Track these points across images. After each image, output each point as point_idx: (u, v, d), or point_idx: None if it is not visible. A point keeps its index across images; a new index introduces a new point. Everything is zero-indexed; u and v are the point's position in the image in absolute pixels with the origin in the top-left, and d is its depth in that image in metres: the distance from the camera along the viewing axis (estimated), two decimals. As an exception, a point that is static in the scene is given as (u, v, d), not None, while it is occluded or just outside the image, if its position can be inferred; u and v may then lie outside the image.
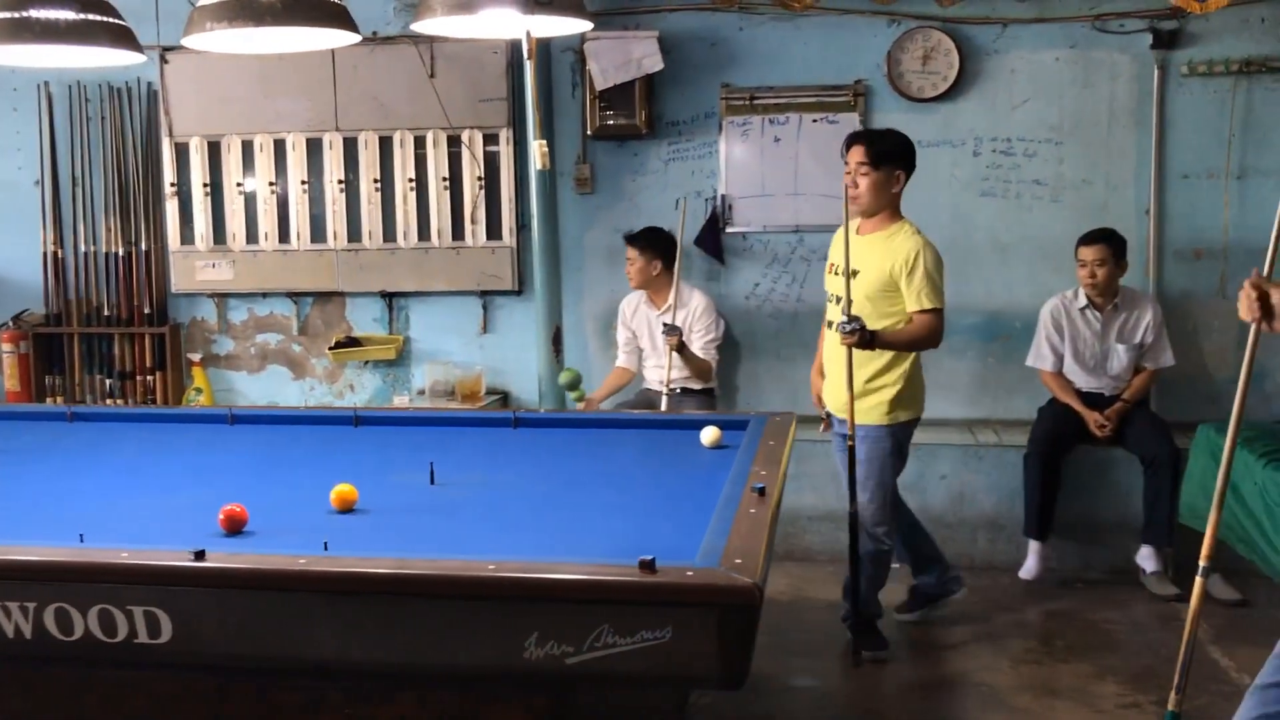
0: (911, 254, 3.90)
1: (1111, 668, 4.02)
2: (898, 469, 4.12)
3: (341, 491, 2.94)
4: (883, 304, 3.96)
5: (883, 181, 3.98)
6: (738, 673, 2.24)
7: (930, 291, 3.90)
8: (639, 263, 5.14)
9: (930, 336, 3.96)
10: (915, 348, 4.01)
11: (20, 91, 5.90)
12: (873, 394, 4.01)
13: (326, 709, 2.50)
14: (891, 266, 3.92)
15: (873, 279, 3.96)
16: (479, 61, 5.43)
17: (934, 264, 3.94)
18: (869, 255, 4.00)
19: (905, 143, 4.06)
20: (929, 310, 3.91)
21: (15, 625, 2.40)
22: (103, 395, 5.98)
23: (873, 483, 4.06)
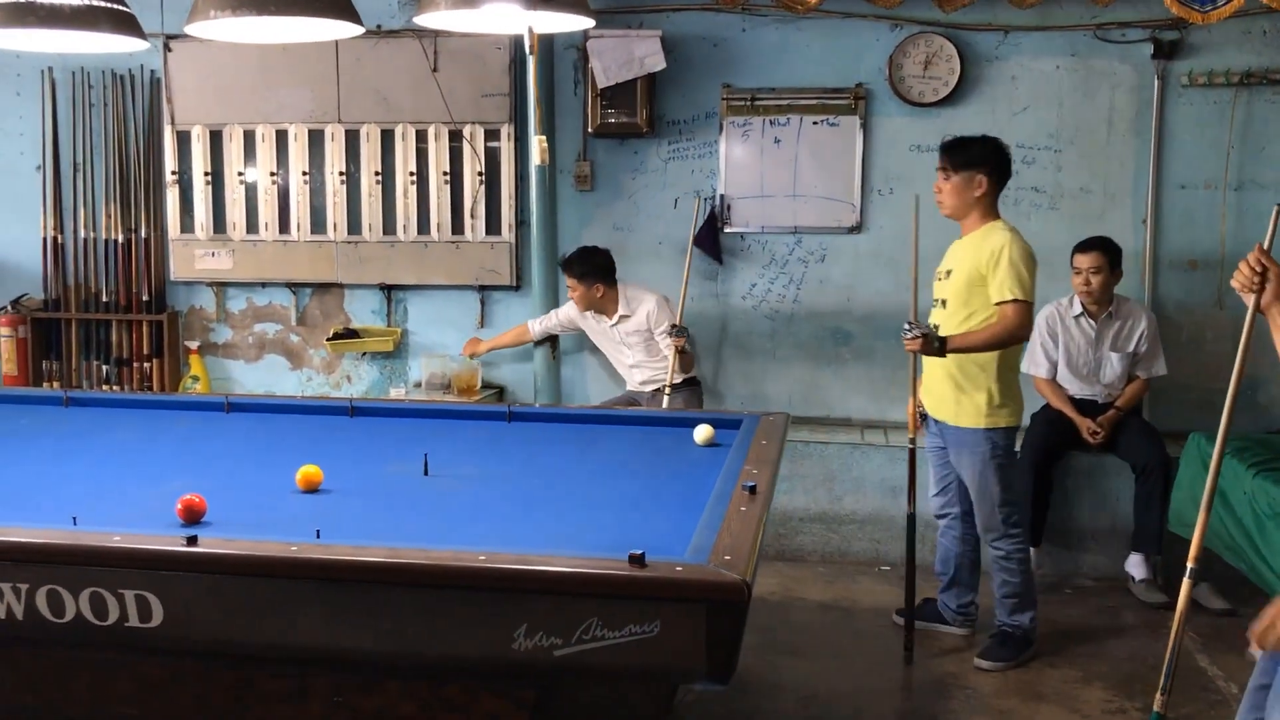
0: (998, 247, 3.90)
1: (1098, 673, 4.04)
2: (1006, 475, 4.06)
3: (307, 473, 3.01)
4: (971, 302, 3.97)
5: (962, 186, 4.02)
6: (725, 668, 2.25)
7: (1014, 282, 3.86)
8: (580, 290, 5.12)
9: (1012, 331, 3.90)
10: (995, 346, 3.94)
11: (24, 77, 5.91)
12: (967, 398, 4.01)
13: (314, 696, 2.51)
14: (978, 263, 3.94)
15: (960, 278, 3.99)
16: (482, 57, 5.44)
17: (1021, 256, 3.90)
18: (961, 256, 4.05)
19: (989, 147, 4.06)
20: (1011, 301, 3.87)
21: (7, 606, 2.42)
22: (99, 381, 5.99)
23: (976, 490, 4.07)
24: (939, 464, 4.28)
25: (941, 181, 4.08)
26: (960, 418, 4.04)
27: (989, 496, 4.05)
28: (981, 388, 3.99)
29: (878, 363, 5.47)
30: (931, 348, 3.91)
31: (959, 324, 3.99)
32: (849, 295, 5.46)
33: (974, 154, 4.04)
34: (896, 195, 5.36)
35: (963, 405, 4.03)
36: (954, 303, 4.03)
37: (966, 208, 4.05)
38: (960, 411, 4.03)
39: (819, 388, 5.53)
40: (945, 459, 4.23)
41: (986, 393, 3.99)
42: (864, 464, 5.17)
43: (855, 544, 5.21)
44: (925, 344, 3.91)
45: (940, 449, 4.24)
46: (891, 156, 5.35)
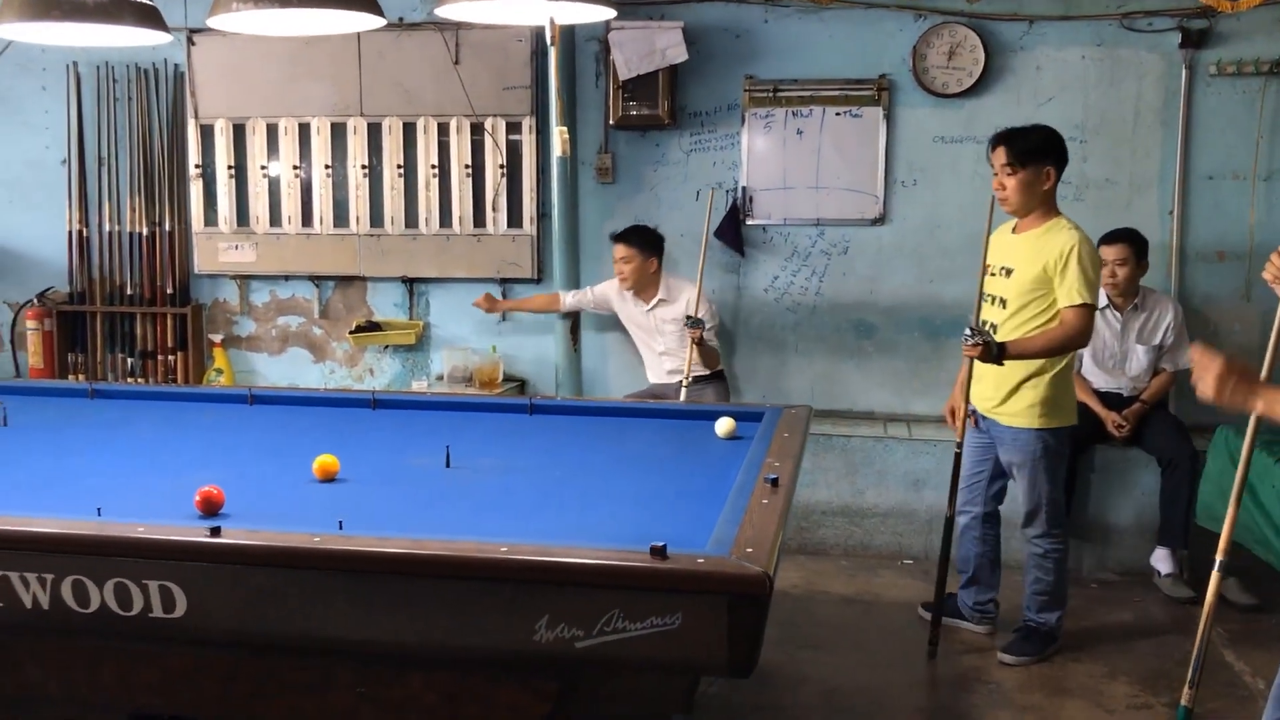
0: (1066, 248, 3.79)
1: (1123, 668, 4.01)
2: (1055, 474, 4.01)
3: (323, 462, 3.04)
4: (1035, 303, 3.88)
5: (1030, 180, 3.86)
6: (746, 661, 2.24)
7: (1083, 286, 3.77)
8: (635, 261, 5.05)
9: (1074, 337, 3.82)
10: (1054, 352, 3.85)
11: (49, 71, 5.94)
12: (1019, 397, 3.94)
13: (336, 687, 2.52)
14: (1045, 264, 3.82)
15: (1026, 276, 3.87)
16: (503, 49, 5.44)
17: (1090, 259, 3.81)
18: (1023, 253, 3.91)
19: (1051, 137, 3.92)
20: (1079, 306, 3.78)
21: (34, 596, 2.43)
22: (124, 374, 6.02)
23: (1025, 488, 4.02)
24: (973, 460, 4.22)
25: (1005, 177, 3.89)
26: (1014, 417, 3.97)
27: (1036, 495, 4.00)
28: (1037, 387, 3.91)
29: (901, 355, 5.45)
30: (991, 355, 3.81)
31: (1019, 325, 3.90)
32: (872, 287, 5.43)
33: (1041, 145, 3.89)
34: (920, 187, 5.33)
35: (1016, 404, 3.95)
36: (1015, 303, 3.92)
37: (1032, 204, 3.91)
38: (1014, 411, 3.96)
39: (841, 380, 5.51)
40: (982, 456, 4.18)
41: (1042, 392, 3.91)
42: (887, 457, 5.15)
43: (877, 538, 5.19)
44: (985, 351, 3.81)
45: (981, 447, 4.18)
46: (915, 148, 5.31)
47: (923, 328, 5.42)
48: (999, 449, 4.09)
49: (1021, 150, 3.87)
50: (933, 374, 5.41)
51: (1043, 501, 4.01)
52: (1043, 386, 3.91)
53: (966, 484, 4.25)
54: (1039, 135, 3.93)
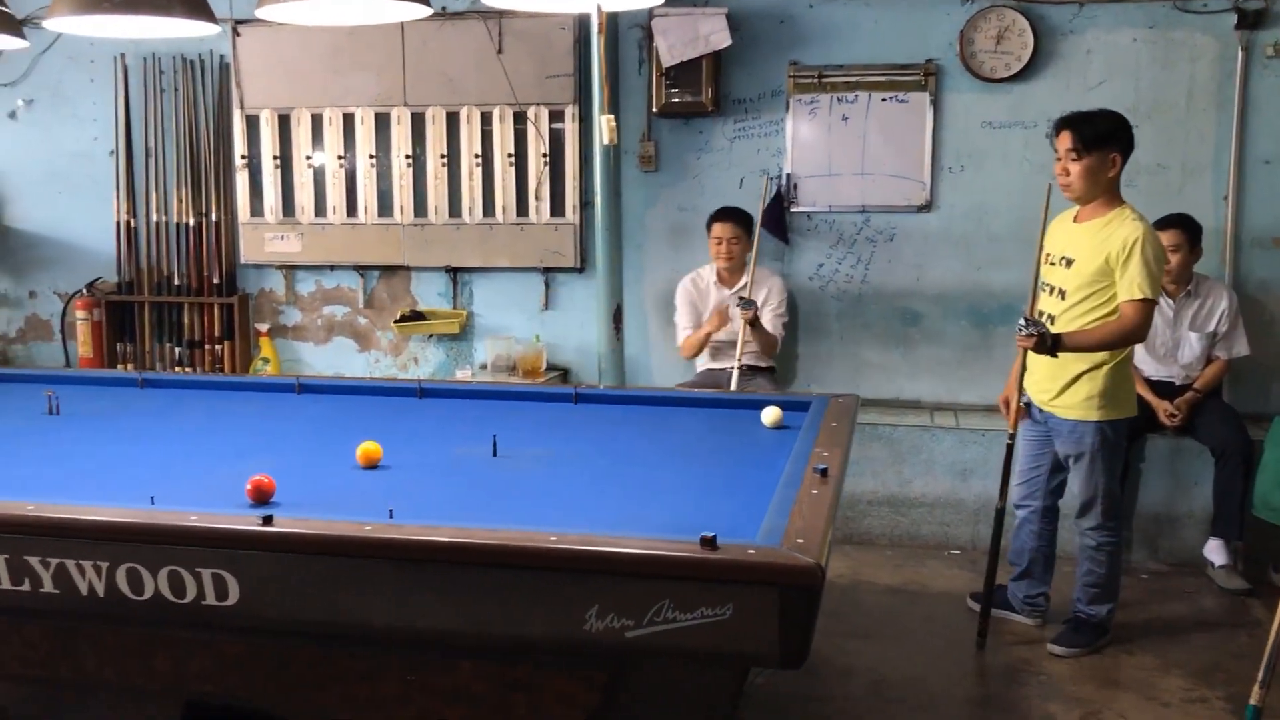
0: (1130, 240, 3.69)
1: (1177, 661, 3.95)
2: (1112, 467, 3.94)
3: (366, 449, 3.07)
4: (1096, 295, 3.79)
5: (1095, 166, 3.77)
6: (797, 652, 2.22)
7: (1146, 280, 3.67)
8: (742, 242, 5.11)
9: (1131, 332, 3.74)
10: (1110, 347, 3.78)
11: (97, 63, 6.01)
12: (1076, 388, 3.88)
13: (387, 675, 2.52)
14: (1108, 254, 3.73)
15: (1088, 268, 3.79)
16: (546, 38, 5.43)
17: (1154, 252, 3.72)
18: (1085, 243, 3.82)
19: (1118, 122, 3.83)
20: (1139, 300, 3.69)
21: (89, 583, 2.46)
22: (172, 363, 6.09)
23: (1081, 480, 3.97)
24: (1031, 454, 4.16)
25: (1070, 163, 3.80)
26: (1070, 409, 3.90)
27: (1093, 487, 3.94)
28: (1095, 379, 3.84)
29: (948, 344, 5.40)
30: (1045, 347, 3.76)
31: (1078, 316, 3.82)
32: (918, 275, 5.38)
33: (1108, 130, 3.79)
34: (968, 173, 5.26)
35: (1074, 396, 3.88)
36: (1074, 295, 3.83)
37: (1097, 191, 3.82)
38: (1072, 403, 3.90)
39: (887, 369, 5.47)
40: (1040, 449, 4.12)
41: (1100, 384, 3.84)
42: (933, 447, 5.10)
43: (924, 527, 5.14)
44: (1039, 343, 3.76)
45: (1037, 439, 4.12)
46: (963, 133, 5.25)
47: (970, 316, 5.36)
48: (1055, 441, 4.03)
49: (1088, 135, 3.77)
50: (980, 363, 5.36)
51: (1099, 494, 3.95)
52: (1100, 378, 3.84)
53: (1025, 478, 4.19)
54: (1106, 120, 3.83)
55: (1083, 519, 4.02)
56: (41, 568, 2.47)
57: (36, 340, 6.33)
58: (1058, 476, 4.14)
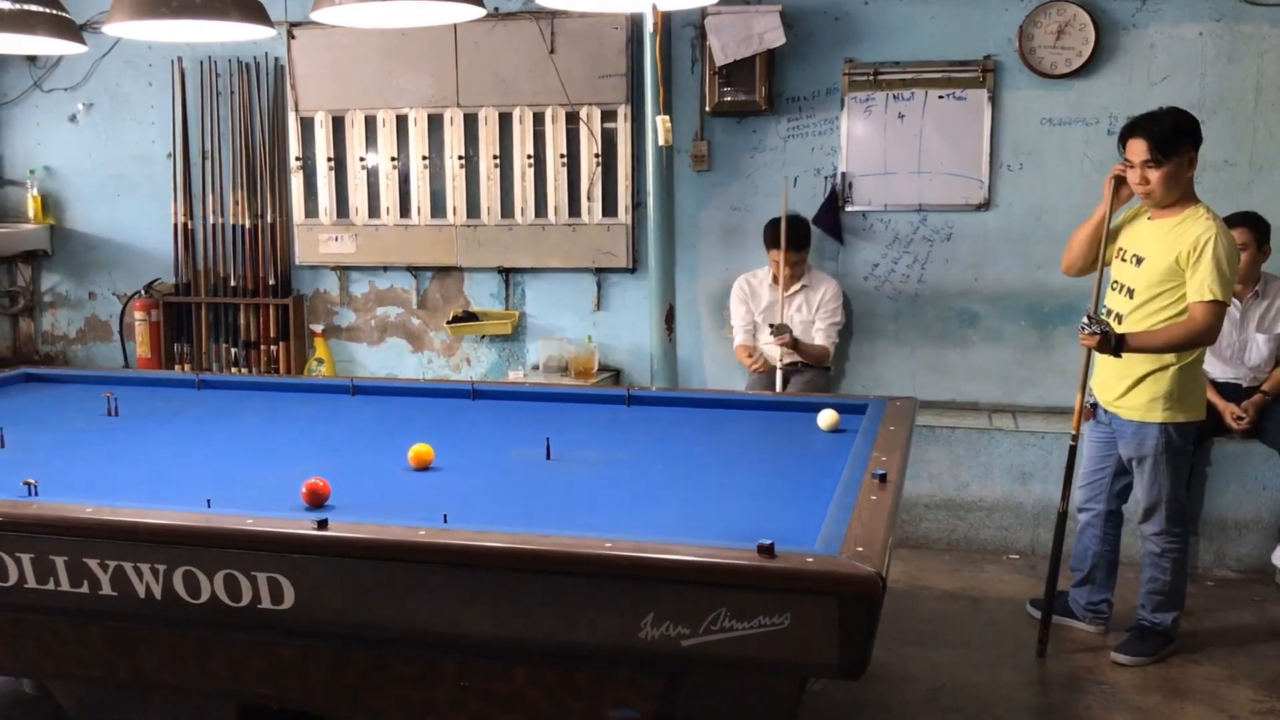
0: (1202, 240, 3.60)
1: (1246, 671, 3.85)
2: (1177, 471, 3.86)
3: (418, 451, 3.08)
4: (1165, 295, 3.70)
5: (1175, 171, 3.68)
6: (857, 662, 2.18)
7: (1216, 281, 3.57)
8: (804, 263, 5.09)
9: (1199, 334, 3.63)
10: (1178, 348, 3.69)
11: (155, 67, 6.08)
12: (1142, 389, 3.80)
13: (442, 680, 2.51)
14: (1179, 254, 3.64)
15: (1158, 267, 3.70)
16: (599, 38, 5.41)
17: (1227, 253, 3.61)
18: (1157, 242, 3.74)
19: (1186, 120, 3.72)
20: (1209, 302, 3.59)
21: (146, 586, 2.47)
22: (228, 363, 6.15)
23: (1145, 484, 3.89)
24: (1096, 455, 4.08)
25: (1148, 170, 3.69)
26: (1136, 411, 3.81)
27: (1156, 491, 3.86)
28: (1162, 380, 3.75)
29: (1006, 345, 5.31)
30: (1108, 346, 3.68)
31: (1147, 317, 3.73)
32: (976, 275, 5.29)
33: (1180, 131, 3.68)
34: (1026, 170, 5.17)
35: (1140, 397, 3.80)
36: (1143, 294, 3.75)
37: (1177, 194, 3.73)
38: (1137, 404, 3.81)
39: (944, 370, 5.38)
40: (1105, 451, 4.03)
41: (1167, 385, 3.75)
42: (992, 449, 5.01)
43: (982, 532, 5.06)
44: (1103, 342, 3.68)
45: (1103, 441, 4.03)
46: (1021, 130, 5.16)
47: (1029, 316, 5.27)
48: (1119, 443, 3.94)
49: (1162, 140, 3.67)
50: (1040, 364, 5.26)
51: (1163, 498, 3.86)
52: (1167, 379, 3.75)
53: (1088, 480, 4.11)
54: (1174, 121, 3.71)
55: (1146, 524, 3.93)
56: (100, 570, 2.49)
57: (96, 341, 6.42)
58: (1122, 480, 4.04)
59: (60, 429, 3.65)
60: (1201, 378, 3.89)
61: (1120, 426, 3.90)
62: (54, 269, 6.44)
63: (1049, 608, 4.03)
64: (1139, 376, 3.79)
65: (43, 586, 2.54)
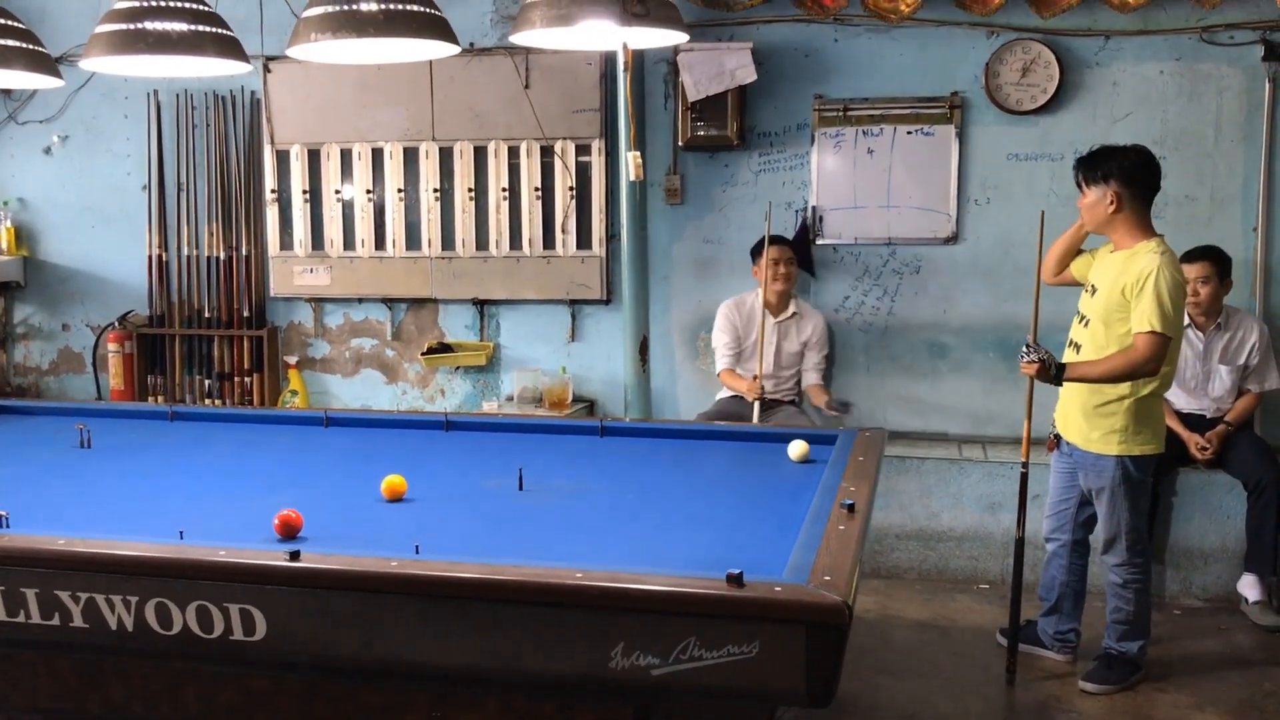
0: (1145, 272, 3.67)
1: (1212, 698, 3.90)
2: (1138, 504, 3.90)
3: (391, 483, 3.10)
4: (1115, 325, 3.76)
5: (1093, 201, 3.82)
6: (825, 691, 2.21)
7: (1156, 314, 3.63)
8: (794, 268, 5.18)
9: (1139, 364, 3.67)
10: (1117, 378, 3.73)
11: (131, 100, 6.10)
12: (1101, 421, 3.84)
13: (413, 711, 2.52)
14: (1124, 286, 3.72)
15: (1107, 297, 3.78)
16: (573, 73, 5.47)
17: (1169, 286, 3.66)
18: (1109, 273, 3.82)
19: (1116, 155, 3.82)
20: (1148, 333, 3.64)
21: (118, 618, 2.47)
22: (202, 395, 6.14)
23: (1104, 514, 3.93)
24: (1061, 486, 4.13)
25: (1079, 198, 3.91)
26: (1094, 443, 3.87)
27: (1116, 522, 3.90)
28: (1118, 412, 3.80)
29: (975, 376, 5.37)
30: (1048, 374, 3.75)
31: (1100, 344, 3.80)
32: (945, 307, 5.36)
33: (1100, 167, 3.81)
34: (994, 205, 5.26)
35: (1097, 429, 3.85)
36: (1096, 322, 3.83)
37: (1100, 224, 3.85)
38: (1094, 436, 3.86)
39: (915, 402, 5.44)
40: (1069, 482, 4.08)
41: (1123, 418, 3.80)
42: (961, 480, 5.06)
43: (953, 561, 5.10)
44: (1042, 370, 3.75)
45: (1066, 472, 4.09)
46: (989, 165, 5.25)
47: (998, 348, 5.34)
48: (1079, 474, 4.00)
49: (1086, 172, 3.86)
50: (1009, 395, 5.32)
51: (1122, 530, 3.91)
52: (1123, 412, 3.81)
53: (1054, 510, 4.16)
54: (1100, 156, 3.86)
55: (1108, 555, 3.98)
56: (71, 602, 2.49)
57: (69, 372, 6.40)
58: (1086, 510, 4.10)
59: (32, 461, 3.65)
60: (1160, 410, 3.93)
61: (1080, 458, 3.96)
62: (27, 300, 6.42)
63: (1015, 637, 4.07)
64: (1095, 408, 3.84)
65: (13, 619, 2.54)
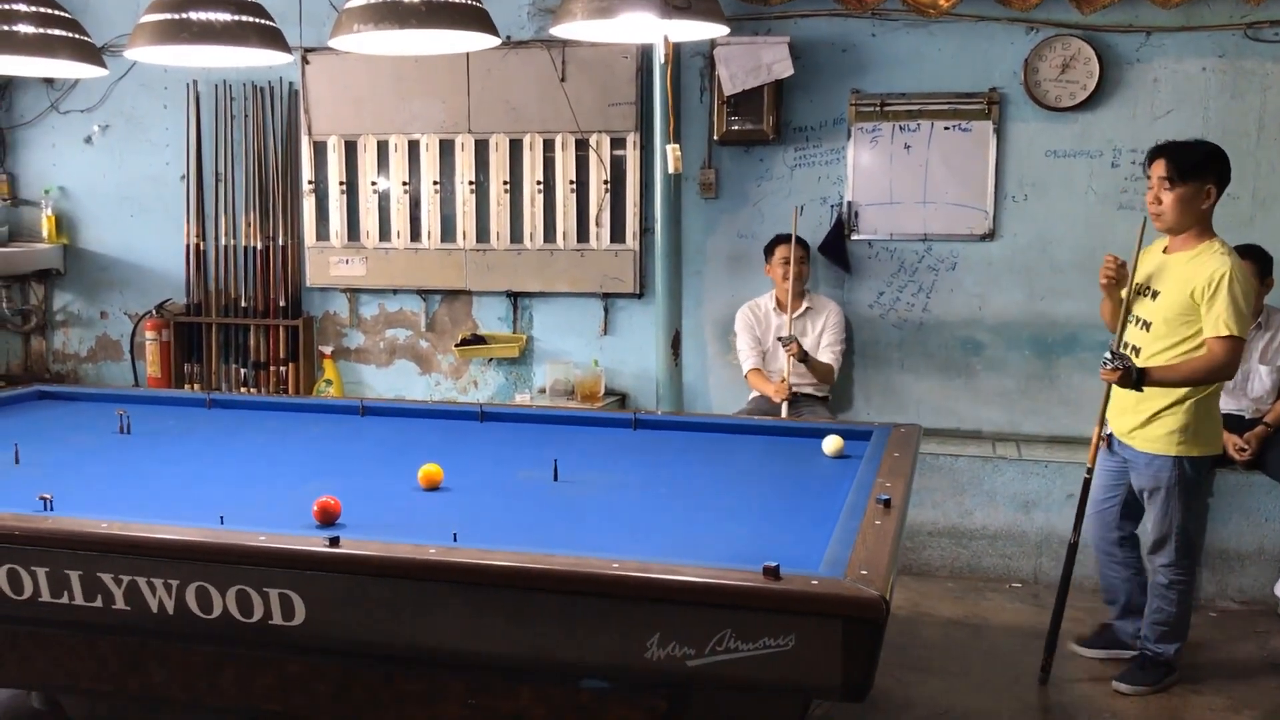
0: (1216, 275, 3.60)
1: (1248, 702, 3.86)
2: (1191, 506, 3.86)
3: (428, 471, 3.12)
4: (1181, 329, 3.69)
5: (1188, 197, 3.68)
6: (861, 685, 2.21)
7: (1233, 317, 3.57)
8: (805, 264, 5.18)
9: (1218, 369, 3.63)
10: (1197, 383, 3.69)
11: (170, 90, 6.15)
12: (1158, 422, 3.79)
13: (448, 698, 2.54)
14: (1193, 289, 3.64)
15: (1172, 301, 3.70)
16: (609, 66, 5.48)
17: (1243, 288, 3.61)
18: (1172, 276, 3.74)
19: (1214, 153, 3.75)
20: (1224, 337, 3.58)
21: (159, 601, 2.51)
22: (237, 384, 6.19)
23: (1156, 515, 3.86)
24: (1104, 486, 4.06)
25: (1163, 191, 3.71)
26: (1152, 443, 3.81)
27: (1168, 524, 3.83)
28: (1178, 413, 3.74)
29: (1010, 374, 5.34)
30: (1130, 381, 3.68)
31: (1163, 350, 3.73)
32: (980, 304, 5.33)
33: (1203, 160, 3.71)
34: (1031, 202, 5.22)
35: (1156, 430, 3.79)
36: (1160, 328, 3.75)
37: (1188, 222, 3.73)
38: (1153, 437, 3.80)
39: (949, 399, 5.42)
40: (1114, 482, 4.03)
41: (1183, 418, 3.74)
42: (995, 478, 5.04)
43: (985, 559, 5.08)
44: (1124, 377, 3.68)
45: (1113, 471, 4.02)
46: (1026, 162, 5.21)
47: (1033, 346, 5.30)
48: (1132, 474, 3.93)
49: (1182, 164, 3.70)
50: (1043, 393, 5.30)
51: (1173, 531, 3.83)
52: (1183, 413, 3.74)
53: (1096, 509, 4.10)
54: (1202, 150, 3.76)
55: (1156, 555, 3.92)
56: (114, 585, 2.53)
57: (106, 360, 6.47)
58: (1130, 508, 4.04)
59: (74, 446, 3.70)
60: (1217, 412, 3.87)
61: (1134, 458, 3.90)
62: (66, 288, 6.50)
63: (1054, 635, 4.03)
64: (1156, 410, 3.78)
65: (57, 600, 2.58)
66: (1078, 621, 4.35)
